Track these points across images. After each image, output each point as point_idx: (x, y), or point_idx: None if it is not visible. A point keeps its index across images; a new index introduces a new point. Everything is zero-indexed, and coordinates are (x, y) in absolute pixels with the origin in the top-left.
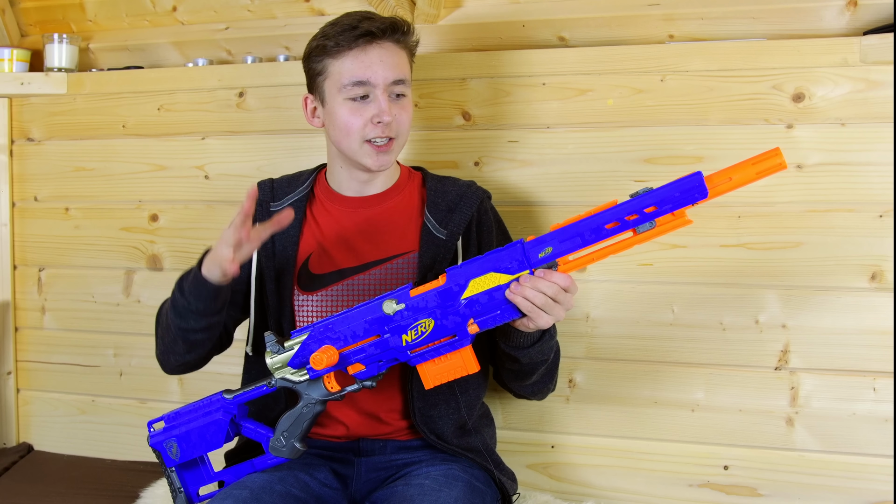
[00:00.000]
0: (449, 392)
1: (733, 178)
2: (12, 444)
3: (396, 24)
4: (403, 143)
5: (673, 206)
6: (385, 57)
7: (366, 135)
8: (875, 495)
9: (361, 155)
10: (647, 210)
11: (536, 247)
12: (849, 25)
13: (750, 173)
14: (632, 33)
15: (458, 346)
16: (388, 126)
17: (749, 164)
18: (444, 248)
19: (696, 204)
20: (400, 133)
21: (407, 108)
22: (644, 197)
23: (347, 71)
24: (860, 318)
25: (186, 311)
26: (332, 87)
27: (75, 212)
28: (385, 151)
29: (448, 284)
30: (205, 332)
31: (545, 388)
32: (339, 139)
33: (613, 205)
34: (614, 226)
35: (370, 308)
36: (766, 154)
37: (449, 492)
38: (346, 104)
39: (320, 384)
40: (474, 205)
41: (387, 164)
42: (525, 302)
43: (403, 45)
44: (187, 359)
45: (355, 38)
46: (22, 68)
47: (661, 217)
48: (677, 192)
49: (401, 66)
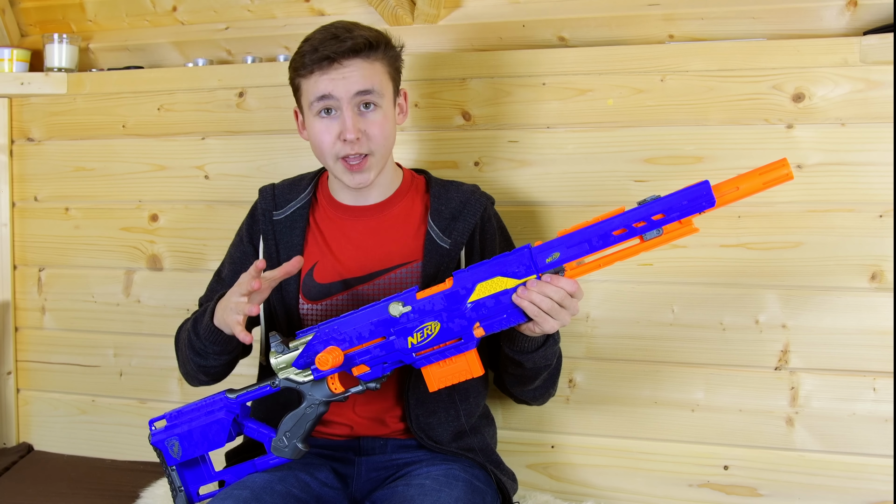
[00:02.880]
0: (448, 400)
1: (740, 188)
2: (12, 444)
3: (357, 46)
4: (383, 156)
5: (680, 214)
6: (348, 73)
7: (337, 152)
8: (875, 495)
9: (339, 172)
10: (654, 217)
11: (544, 252)
12: (849, 25)
13: (757, 183)
14: (632, 33)
15: (464, 349)
16: (356, 143)
17: (756, 174)
18: (448, 257)
19: (704, 213)
20: (375, 148)
21: (379, 122)
22: (652, 204)
23: (312, 87)
24: (860, 318)
25: (205, 352)
26: (306, 104)
27: (75, 212)
28: (359, 170)
29: (455, 288)
30: (225, 367)
31: (546, 393)
32: (317, 155)
33: (621, 211)
34: (622, 232)
35: (376, 310)
36: (773, 165)
37: (449, 492)
38: (317, 120)
39: (324, 385)
40: (478, 213)
41: (365, 182)
42: (531, 306)
43: (374, 59)
44: (211, 383)
45: (316, 60)
46: (22, 68)
47: (669, 225)
48: (685, 201)
49: (368, 78)
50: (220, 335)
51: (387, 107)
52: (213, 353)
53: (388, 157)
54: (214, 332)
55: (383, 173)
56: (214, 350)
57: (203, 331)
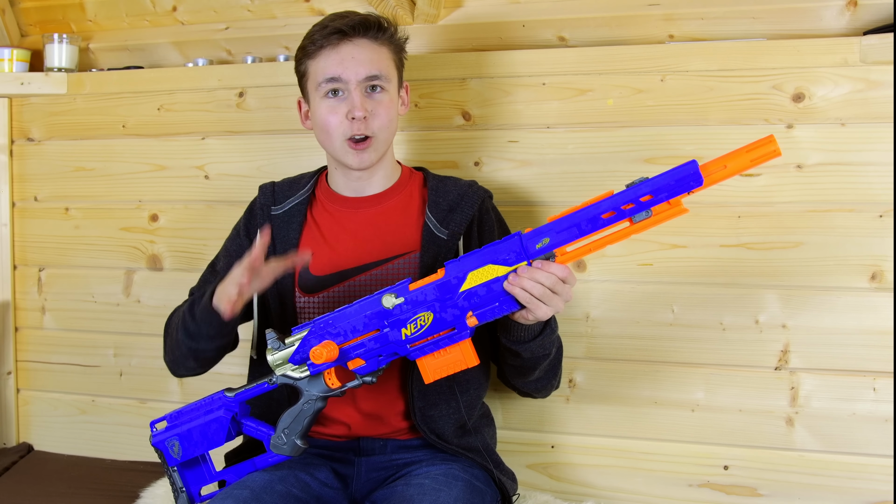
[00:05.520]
0: (449, 392)
1: (728, 166)
2: (12, 444)
3: (369, 21)
4: (386, 140)
5: (668, 194)
6: (357, 53)
7: (344, 132)
8: (875, 495)
9: (343, 154)
10: (642, 199)
11: (534, 238)
12: (849, 25)
13: (744, 160)
14: (632, 33)
15: (458, 339)
16: (362, 122)
17: (743, 151)
18: (446, 247)
19: (692, 192)
20: (378, 131)
21: (386, 104)
22: (640, 186)
23: (321, 69)
24: (860, 318)
25: (198, 335)
26: (312, 87)
27: (75, 212)
28: (363, 149)
29: (446, 277)
30: (216, 351)
31: (549, 384)
32: (323, 139)
33: (610, 195)
34: (611, 215)
35: (370, 302)
36: (760, 141)
37: (449, 492)
38: (324, 102)
39: (321, 380)
40: (475, 204)
41: (367, 163)
42: (523, 293)
43: (382, 41)
44: (198, 371)
45: (326, 35)
46: (22, 68)
47: (658, 206)
48: (672, 181)
49: (376, 62)
50: (215, 317)
51: (392, 93)
52: (206, 335)
53: (388, 143)
54: (211, 313)
55: (384, 163)
56: (208, 332)
57: (200, 312)
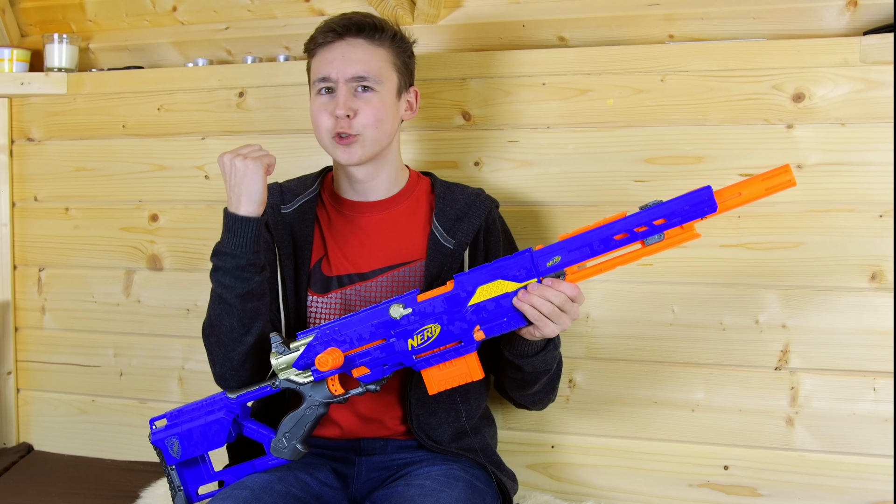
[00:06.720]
0: (449, 401)
1: (742, 194)
2: (12, 444)
3: (364, 22)
4: (374, 139)
5: (682, 219)
6: (348, 53)
7: (329, 129)
8: (875, 495)
9: (332, 149)
10: (656, 222)
11: (545, 256)
12: (849, 25)
13: (759, 189)
14: (632, 33)
15: (464, 352)
16: (345, 120)
17: (759, 179)
18: (452, 257)
19: (705, 218)
20: (362, 129)
21: (374, 103)
22: (654, 209)
23: (315, 68)
24: (860, 318)
25: (234, 270)
26: (311, 85)
27: (75, 212)
28: (348, 145)
29: (455, 290)
30: (253, 299)
31: (546, 398)
32: (316, 136)
33: (623, 216)
34: (623, 237)
35: (377, 311)
36: (776, 171)
37: (450, 492)
38: (317, 99)
39: (324, 386)
40: (483, 214)
41: (356, 158)
42: (532, 310)
43: (380, 43)
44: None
45: (324, 34)
46: (22, 68)
47: (670, 230)
48: (687, 206)
49: (366, 63)
50: (245, 227)
51: (385, 94)
52: (241, 266)
53: (378, 143)
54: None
55: (387, 167)
56: (244, 257)
57: (226, 246)
